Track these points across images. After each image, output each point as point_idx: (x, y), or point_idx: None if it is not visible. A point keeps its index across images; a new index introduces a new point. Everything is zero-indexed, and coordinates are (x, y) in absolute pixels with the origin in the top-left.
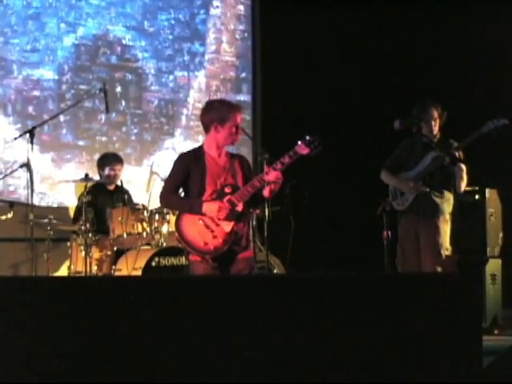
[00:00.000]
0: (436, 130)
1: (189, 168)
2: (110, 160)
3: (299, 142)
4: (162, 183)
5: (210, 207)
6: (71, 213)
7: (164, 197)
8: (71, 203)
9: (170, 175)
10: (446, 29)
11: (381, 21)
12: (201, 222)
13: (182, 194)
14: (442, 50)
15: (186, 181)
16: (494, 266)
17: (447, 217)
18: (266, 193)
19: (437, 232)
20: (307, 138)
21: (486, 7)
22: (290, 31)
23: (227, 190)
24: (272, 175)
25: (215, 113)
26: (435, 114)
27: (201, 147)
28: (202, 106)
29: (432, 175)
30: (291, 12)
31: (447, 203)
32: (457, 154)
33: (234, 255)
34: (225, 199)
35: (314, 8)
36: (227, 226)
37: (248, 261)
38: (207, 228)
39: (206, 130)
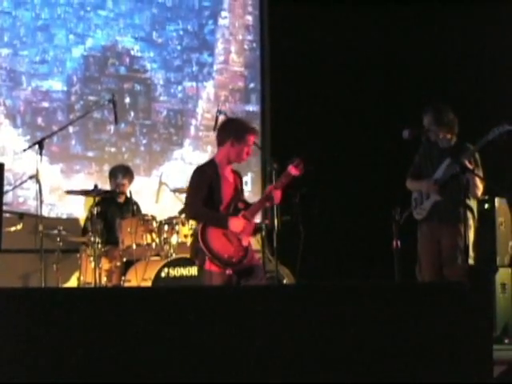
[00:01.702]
0: (449, 135)
1: (210, 181)
2: (117, 173)
3: (290, 166)
4: (174, 194)
5: (236, 223)
6: (81, 224)
7: (193, 209)
8: (81, 214)
9: (194, 188)
10: (465, 30)
11: (393, 26)
12: (224, 236)
13: None
14: (457, 53)
15: (208, 193)
16: (504, 275)
17: (470, 223)
18: None
19: (459, 239)
20: (294, 160)
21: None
22: (299, 41)
23: (241, 205)
24: (277, 195)
25: (234, 129)
26: (445, 120)
27: (213, 161)
28: (223, 121)
29: (447, 182)
30: (300, 22)
31: (469, 210)
32: (467, 161)
33: (248, 268)
34: (240, 215)
35: (323, 18)
36: (245, 241)
37: (261, 267)
38: (230, 242)
39: (221, 143)
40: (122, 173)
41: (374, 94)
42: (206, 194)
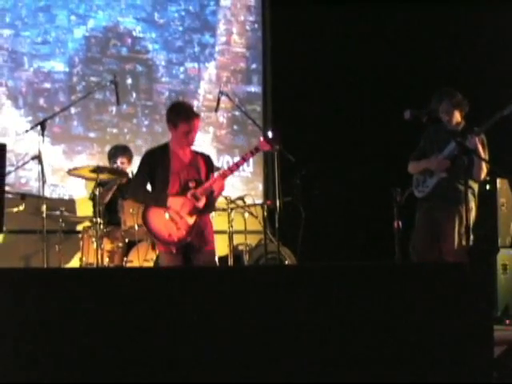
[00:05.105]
0: (457, 118)
1: (155, 163)
2: (115, 153)
3: (261, 139)
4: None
5: (174, 201)
6: (81, 205)
7: (132, 191)
8: (82, 195)
9: (137, 171)
10: (463, 23)
11: (392, 10)
12: (166, 214)
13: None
14: (453, 45)
15: (153, 175)
16: (505, 256)
17: (471, 205)
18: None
19: (459, 220)
20: (269, 134)
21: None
22: (300, 22)
23: (191, 184)
24: (221, 184)
25: (169, 116)
26: (453, 102)
27: (167, 144)
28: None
29: (453, 163)
30: (301, 2)
31: (471, 191)
32: (472, 139)
33: (197, 248)
34: (189, 193)
35: None
36: (190, 219)
37: (211, 253)
38: (172, 220)
39: (168, 127)
40: (120, 152)
41: (376, 74)
42: (147, 176)
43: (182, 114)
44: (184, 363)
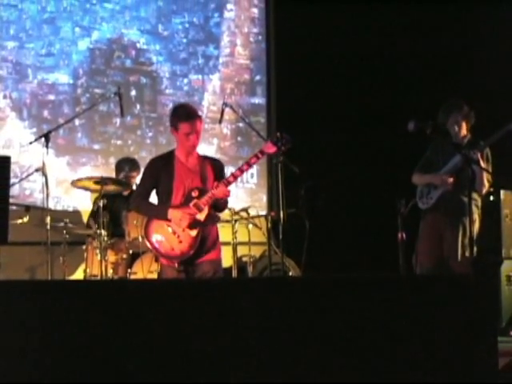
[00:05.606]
0: (463, 131)
1: (158, 172)
2: (123, 166)
3: (268, 141)
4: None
5: (174, 214)
6: (85, 216)
7: (134, 202)
8: (87, 207)
9: (140, 182)
10: (469, 28)
11: (397, 22)
12: (169, 227)
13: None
14: (459, 50)
15: (157, 184)
16: (509, 267)
17: (475, 217)
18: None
19: (462, 232)
20: (277, 135)
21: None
22: (304, 33)
23: (194, 193)
24: (222, 190)
25: (171, 119)
26: (460, 115)
27: (172, 151)
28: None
29: (457, 175)
30: (305, 14)
31: (475, 203)
32: (479, 155)
33: (198, 258)
34: (191, 204)
35: (328, 10)
36: (193, 231)
37: (212, 263)
38: (174, 233)
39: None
40: (128, 165)
41: (380, 86)
42: (151, 186)
43: (182, 115)
44: (188, 375)
